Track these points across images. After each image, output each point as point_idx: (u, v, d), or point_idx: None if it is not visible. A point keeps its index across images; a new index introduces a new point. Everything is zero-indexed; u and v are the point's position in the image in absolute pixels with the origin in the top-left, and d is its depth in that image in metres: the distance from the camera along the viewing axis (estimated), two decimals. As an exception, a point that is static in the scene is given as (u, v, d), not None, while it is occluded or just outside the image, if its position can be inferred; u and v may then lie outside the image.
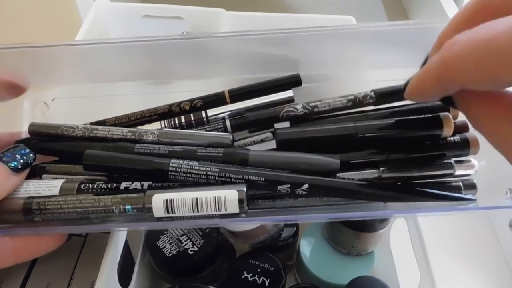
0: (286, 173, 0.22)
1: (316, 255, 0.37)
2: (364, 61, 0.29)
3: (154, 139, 0.25)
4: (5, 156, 0.23)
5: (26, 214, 0.22)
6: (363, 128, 0.24)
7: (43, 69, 0.28)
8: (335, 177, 0.23)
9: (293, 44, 0.27)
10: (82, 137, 0.25)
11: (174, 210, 0.22)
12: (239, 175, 0.22)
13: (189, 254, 0.31)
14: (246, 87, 0.28)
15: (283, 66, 0.28)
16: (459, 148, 0.24)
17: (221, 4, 0.48)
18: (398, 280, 0.35)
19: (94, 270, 0.28)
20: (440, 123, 0.24)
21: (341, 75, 0.30)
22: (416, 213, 0.30)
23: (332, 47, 0.27)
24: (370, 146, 0.24)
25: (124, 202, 0.22)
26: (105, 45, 0.27)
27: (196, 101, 0.28)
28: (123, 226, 0.26)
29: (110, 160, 0.23)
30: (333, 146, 0.24)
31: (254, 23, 0.47)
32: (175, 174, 0.22)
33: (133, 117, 0.28)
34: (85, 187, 0.24)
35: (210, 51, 0.28)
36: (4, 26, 0.55)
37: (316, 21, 0.46)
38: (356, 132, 0.24)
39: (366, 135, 0.24)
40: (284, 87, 0.28)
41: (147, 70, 0.30)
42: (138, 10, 0.48)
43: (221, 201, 0.21)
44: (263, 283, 0.33)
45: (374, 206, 0.24)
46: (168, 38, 0.26)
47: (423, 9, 0.62)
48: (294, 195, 0.23)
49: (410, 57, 0.23)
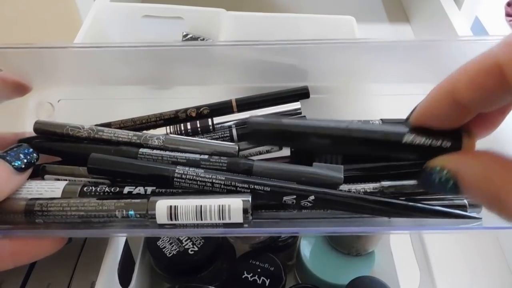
0: (292, 184, 0.22)
1: (316, 255, 0.37)
2: (372, 74, 0.29)
3: (160, 145, 0.25)
4: (8, 155, 0.23)
5: (27, 216, 0.22)
6: (356, 131, 0.22)
7: (48, 70, 0.28)
8: (340, 190, 0.23)
9: (302, 55, 0.27)
10: (87, 138, 0.25)
11: (178, 217, 0.21)
12: (244, 184, 0.22)
13: (189, 254, 0.31)
14: (254, 96, 0.28)
15: (291, 76, 0.28)
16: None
17: (221, 4, 0.48)
18: (398, 280, 0.35)
19: (94, 270, 0.28)
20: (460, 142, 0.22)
21: (349, 88, 0.30)
22: (420, 230, 0.29)
23: (341, 60, 0.28)
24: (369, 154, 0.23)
25: (128, 207, 0.22)
26: (113, 49, 0.27)
27: (203, 108, 0.28)
28: (124, 232, 0.26)
29: (115, 164, 0.23)
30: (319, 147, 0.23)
31: (254, 23, 0.47)
32: (180, 181, 0.22)
33: (138, 121, 0.28)
34: (88, 190, 0.24)
35: (218, 59, 0.28)
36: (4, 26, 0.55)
37: (316, 21, 0.46)
38: (350, 133, 0.22)
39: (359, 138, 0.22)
40: (292, 98, 0.28)
41: (154, 75, 0.30)
42: (138, 10, 0.48)
43: (225, 210, 0.21)
44: (263, 283, 0.33)
45: (378, 220, 0.24)
46: (177, 45, 0.26)
47: (423, 9, 0.62)
48: (299, 207, 0.23)
49: (417, 72, 0.23)
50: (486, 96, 0.17)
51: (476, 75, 0.17)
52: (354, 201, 0.22)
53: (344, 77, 0.30)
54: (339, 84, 0.30)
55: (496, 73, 0.16)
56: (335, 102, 0.30)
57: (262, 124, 0.23)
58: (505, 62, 0.15)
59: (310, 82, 0.28)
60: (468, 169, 0.18)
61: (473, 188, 0.18)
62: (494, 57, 0.16)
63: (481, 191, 0.17)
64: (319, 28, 0.46)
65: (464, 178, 0.18)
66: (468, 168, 0.18)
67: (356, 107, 0.31)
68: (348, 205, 0.22)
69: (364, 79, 0.30)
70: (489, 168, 0.17)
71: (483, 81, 0.16)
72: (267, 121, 0.23)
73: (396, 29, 0.65)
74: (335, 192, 0.22)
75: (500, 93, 0.16)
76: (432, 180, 0.19)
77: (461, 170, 0.18)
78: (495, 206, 0.17)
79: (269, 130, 0.22)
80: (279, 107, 0.28)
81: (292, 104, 0.28)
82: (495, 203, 0.17)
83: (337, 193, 0.22)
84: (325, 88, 0.29)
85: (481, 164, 0.18)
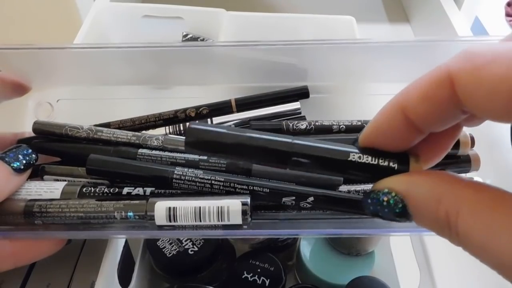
0: (291, 185, 0.22)
1: (316, 255, 0.37)
2: (372, 74, 0.29)
3: (159, 145, 0.25)
4: (7, 156, 0.23)
5: (27, 217, 0.22)
6: (300, 147, 0.19)
7: (47, 70, 0.28)
8: (340, 191, 0.23)
9: (302, 55, 0.27)
10: (86, 138, 0.25)
11: (177, 219, 0.21)
12: (243, 186, 0.22)
13: (189, 254, 0.31)
14: (253, 96, 0.28)
15: (291, 76, 0.28)
16: (459, 164, 0.24)
17: (221, 4, 0.48)
18: (398, 280, 0.35)
19: (94, 270, 0.28)
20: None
21: (349, 87, 0.30)
22: (420, 232, 0.29)
23: (340, 60, 0.28)
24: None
25: (126, 208, 0.22)
26: (113, 49, 0.27)
27: (202, 108, 0.28)
28: (123, 234, 0.26)
29: (114, 165, 0.23)
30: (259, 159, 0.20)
31: (254, 23, 0.47)
32: (179, 182, 0.22)
33: (137, 121, 0.28)
34: (87, 191, 0.24)
35: (218, 59, 0.28)
36: (4, 26, 0.55)
37: (316, 21, 0.46)
38: (293, 149, 0.19)
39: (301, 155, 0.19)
40: (292, 98, 0.28)
41: (153, 75, 0.30)
42: (138, 10, 0.48)
43: (224, 211, 0.21)
44: (263, 283, 0.33)
45: (378, 221, 0.23)
46: (177, 45, 0.26)
47: (423, 9, 0.62)
48: (298, 208, 0.23)
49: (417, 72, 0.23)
50: (438, 111, 0.16)
51: (428, 87, 0.16)
52: (353, 202, 0.22)
53: (344, 77, 0.30)
54: (338, 83, 0.30)
55: (447, 85, 0.15)
56: (335, 101, 0.30)
57: (200, 132, 0.20)
58: (454, 72, 0.15)
59: (310, 82, 0.28)
60: (417, 190, 0.16)
61: (423, 211, 0.16)
62: (446, 68, 0.15)
63: (431, 214, 0.16)
64: (319, 28, 0.46)
65: (413, 200, 0.16)
66: (417, 189, 0.16)
67: (356, 106, 0.31)
68: (347, 206, 0.22)
69: (364, 79, 0.30)
70: (439, 189, 0.16)
71: (435, 93, 0.15)
72: (207, 129, 0.20)
73: (396, 29, 0.65)
74: (334, 193, 0.22)
75: (450, 106, 0.15)
76: (379, 204, 0.17)
77: (410, 191, 0.17)
78: (445, 232, 0.15)
79: (207, 140, 0.19)
80: (279, 107, 0.28)
81: (292, 104, 0.28)
82: (445, 229, 0.15)
83: (336, 194, 0.22)
84: (324, 87, 0.29)
85: (431, 185, 0.16)
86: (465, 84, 0.14)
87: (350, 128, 0.26)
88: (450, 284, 0.40)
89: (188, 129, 0.19)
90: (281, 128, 0.26)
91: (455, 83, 0.15)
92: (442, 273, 0.29)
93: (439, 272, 0.29)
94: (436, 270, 0.29)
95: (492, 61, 0.14)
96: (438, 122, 0.17)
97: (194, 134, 0.19)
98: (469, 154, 0.25)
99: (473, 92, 0.14)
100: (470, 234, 0.14)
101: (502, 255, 0.13)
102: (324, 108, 0.29)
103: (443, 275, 0.29)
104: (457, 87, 0.15)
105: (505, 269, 0.14)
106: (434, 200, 0.15)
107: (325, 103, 0.29)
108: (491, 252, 0.14)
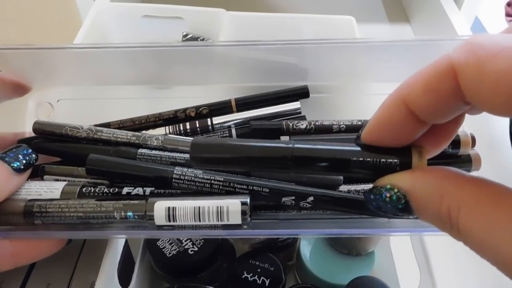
0: (291, 185, 0.22)
1: (316, 255, 0.37)
2: (372, 74, 0.29)
3: (158, 145, 0.25)
4: (7, 156, 0.23)
5: (26, 217, 0.22)
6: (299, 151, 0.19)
7: (47, 70, 0.28)
8: (340, 191, 0.23)
9: (302, 55, 0.27)
10: (86, 138, 0.25)
11: (176, 219, 0.21)
12: (243, 185, 0.22)
13: (189, 254, 0.31)
14: (253, 96, 0.28)
15: (291, 76, 0.28)
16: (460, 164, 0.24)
17: (221, 4, 0.48)
18: (398, 280, 0.35)
19: (94, 270, 0.28)
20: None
21: (349, 87, 0.30)
22: (420, 232, 0.29)
23: (340, 59, 0.28)
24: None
25: (126, 208, 0.22)
26: (113, 49, 0.27)
27: (202, 108, 0.28)
28: (123, 234, 0.26)
29: (113, 165, 0.23)
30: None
31: (254, 23, 0.47)
32: (179, 182, 0.22)
33: (137, 121, 0.28)
34: (87, 191, 0.24)
35: (218, 59, 0.28)
36: (4, 26, 0.55)
37: (316, 21, 0.46)
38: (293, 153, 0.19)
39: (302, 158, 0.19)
40: (292, 98, 0.28)
41: (153, 75, 0.30)
42: (138, 10, 0.48)
43: (223, 211, 0.21)
44: (263, 283, 0.33)
45: (378, 221, 0.23)
46: (177, 45, 0.26)
47: (423, 9, 0.62)
48: (298, 208, 0.23)
49: None
50: (441, 103, 0.16)
51: (430, 79, 0.16)
52: (353, 202, 0.22)
53: (344, 77, 0.30)
54: (339, 83, 0.30)
55: (451, 76, 0.15)
56: (335, 101, 0.30)
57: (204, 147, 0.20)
58: (457, 64, 0.14)
59: (310, 82, 0.28)
60: (420, 186, 0.17)
61: (425, 207, 0.16)
62: (449, 59, 0.15)
63: (434, 210, 0.16)
64: (319, 28, 0.46)
65: (416, 196, 0.17)
66: (420, 185, 0.17)
67: (356, 106, 0.31)
68: (347, 206, 0.22)
69: (364, 79, 0.30)
70: (442, 185, 0.16)
71: (438, 85, 0.15)
72: (210, 143, 0.20)
73: (396, 29, 0.65)
74: (334, 193, 0.22)
75: (454, 98, 0.15)
76: (382, 200, 0.18)
77: (413, 188, 0.17)
78: (447, 227, 0.15)
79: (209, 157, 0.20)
80: (279, 107, 0.28)
81: (292, 103, 0.28)
82: (446, 224, 0.15)
83: (336, 194, 0.22)
84: (325, 87, 0.29)
85: (433, 181, 0.16)
86: (468, 78, 0.14)
87: (350, 127, 0.26)
88: (450, 284, 0.40)
89: (191, 144, 0.20)
90: (281, 128, 0.26)
91: (459, 76, 0.15)
92: (442, 273, 0.29)
93: (439, 272, 0.29)
94: (436, 270, 0.29)
95: (496, 54, 0.13)
96: (442, 114, 0.16)
97: (197, 149, 0.20)
98: (470, 153, 0.25)
99: (476, 86, 0.14)
100: (471, 230, 0.14)
101: (502, 252, 0.13)
102: (324, 107, 0.29)
103: (443, 275, 0.29)
104: (460, 80, 0.15)
105: (504, 266, 0.14)
106: (436, 196, 0.16)
107: (325, 103, 0.29)
108: (491, 248, 0.14)
